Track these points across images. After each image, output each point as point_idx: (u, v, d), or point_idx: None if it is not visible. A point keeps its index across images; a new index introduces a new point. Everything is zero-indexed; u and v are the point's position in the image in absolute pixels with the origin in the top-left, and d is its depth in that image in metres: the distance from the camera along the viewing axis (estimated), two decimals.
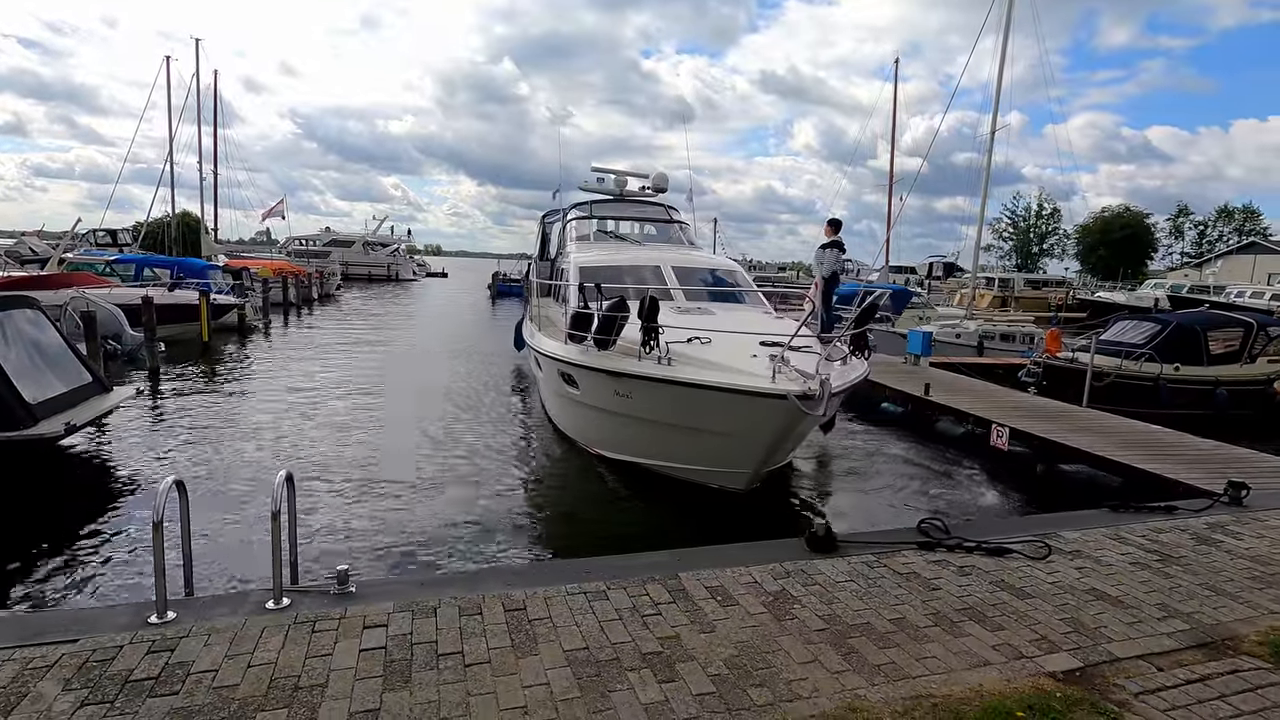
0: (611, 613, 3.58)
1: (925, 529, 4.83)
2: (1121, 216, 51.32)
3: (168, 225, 34.20)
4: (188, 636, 3.21)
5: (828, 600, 3.80)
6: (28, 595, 4.84)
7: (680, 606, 3.67)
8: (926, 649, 3.34)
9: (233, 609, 3.49)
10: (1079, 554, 4.56)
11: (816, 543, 4.51)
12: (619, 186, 13.60)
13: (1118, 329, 13.97)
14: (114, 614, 3.44)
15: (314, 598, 3.63)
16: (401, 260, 55.89)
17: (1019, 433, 8.52)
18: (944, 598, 3.88)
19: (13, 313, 7.15)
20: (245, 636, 3.22)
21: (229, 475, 7.40)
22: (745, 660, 3.18)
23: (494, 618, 3.48)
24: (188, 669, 2.96)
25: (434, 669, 3.02)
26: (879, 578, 4.11)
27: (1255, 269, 41.56)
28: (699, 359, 6.72)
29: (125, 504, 6.57)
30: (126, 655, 3.05)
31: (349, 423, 9.90)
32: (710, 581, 3.97)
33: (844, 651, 3.29)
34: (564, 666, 3.08)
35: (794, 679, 3.04)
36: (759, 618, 3.58)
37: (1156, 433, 8.61)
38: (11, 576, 5.04)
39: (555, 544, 6.28)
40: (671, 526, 6.58)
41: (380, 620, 3.41)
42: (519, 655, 3.15)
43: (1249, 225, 60.60)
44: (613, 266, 9.93)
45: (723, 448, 6.80)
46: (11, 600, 4.75)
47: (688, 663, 3.14)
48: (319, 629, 3.32)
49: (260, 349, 17.03)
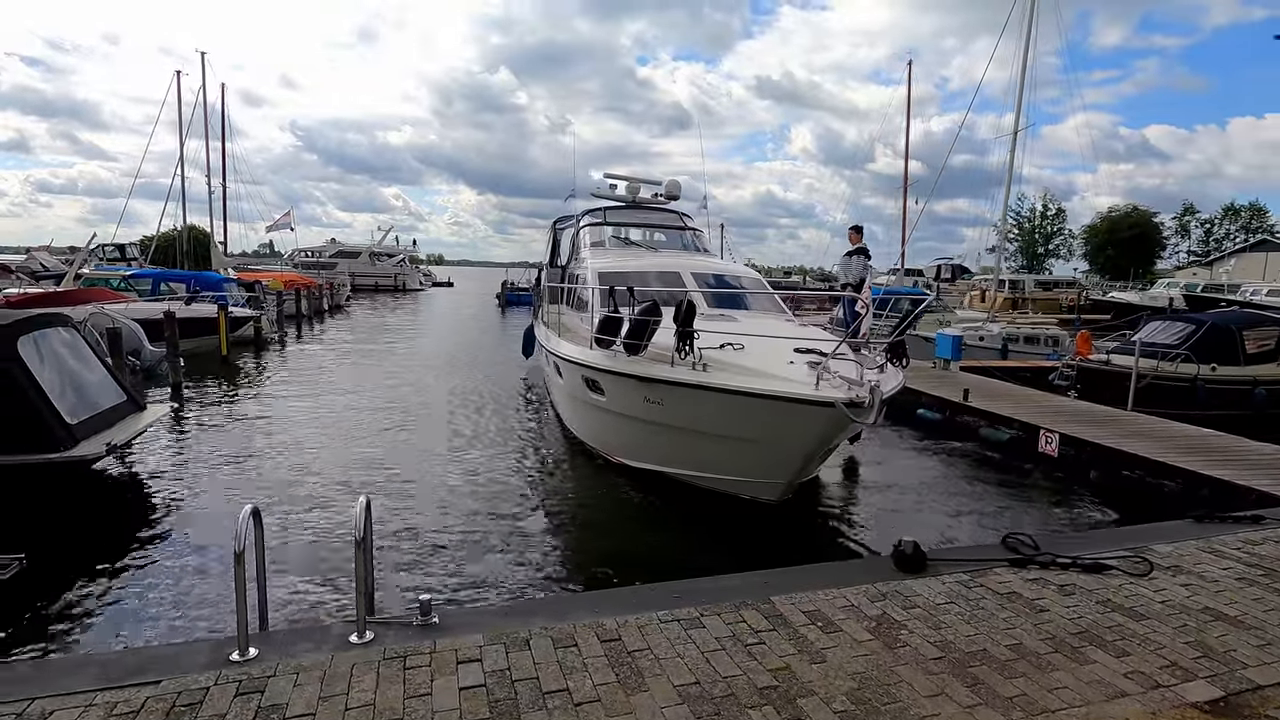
0: (712, 642, 3.39)
1: (1012, 545, 4.64)
2: (1130, 216, 51.10)
3: (177, 239, 34.17)
4: (275, 676, 3.03)
5: (934, 625, 3.60)
6: (85, 630, 4.66)
7: (782, 634, 3.48)
8: (1054, 678, 3.15)
9: (316, 644, 3.30)
10: (1179, 569, 4.37)
11: (905, 561, 4.32)
12: (631, 193, 13.50)
13: (1150, 329, 13.75)
14: (192, 651, 3.26)
15: (397, 630, 3.45)
16: (408, 270, 55.88)
17: (1069, 438, 8.32)
18: (1055, 620, 3.68)
19: (48, 331, 7.00)
20: (335, 675, 3.04)
21: (272, 496, 7.22)
22: (868, 694, 2.99)
23: (590, 650, 3.29)
24: (282, 713, 2.78)
25: (543, 709, 2.84)
26: (980, 599, 3.92)
27: (1268, 267, 41.26)
28: (736, 365, 6.56)
29: (170, 528, 6.39)
30: (215, 698, 2.87)
31: (377, 439, 9.73)
32: (805, 605, 3.78)
33: (969, 682, 3.09)
34: (679, 704, 2.89)
35: (926, 715, 2.85)
36: (868, 645, 3.39)
37: (1209, 436, 8.41)
38: (65, 608, 4.87)
39: (591, 561, 6.08)
40: (709, 541, 6.41)
41: (473, 654, 3.23)
42: (628, 692, 2.97)
43: (1255, 223, 60.34)
44: (632, 273, 9.79)
45: (759, 456, 6.62)
46: (70, 635, 4.58)
47: (808, 698, 2.95)
48: (410, 665, 3.14)
49: (279, 363, 16.88)
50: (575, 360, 8.29)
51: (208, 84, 33.76)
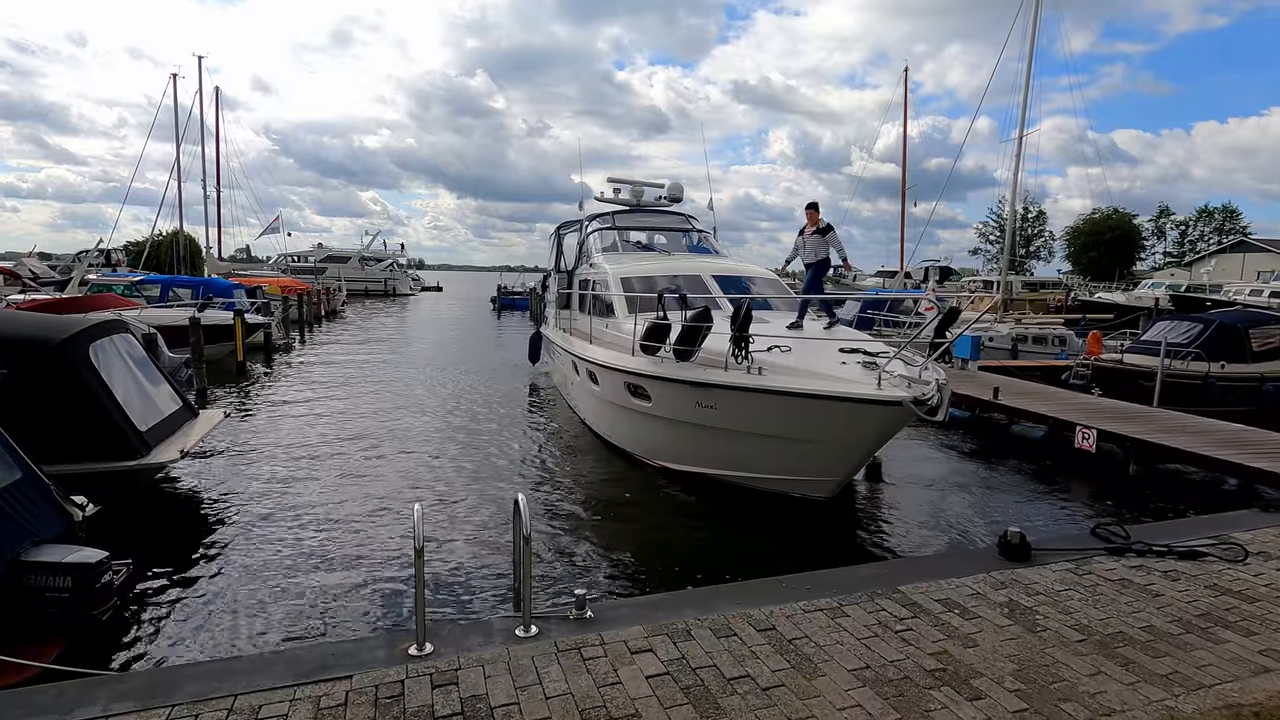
0: (862, 629, 3.53)
1: (1103, 535, 4.83)
2: (1111, 218, 52.33)
3: (172, 245, 33.70)
4: (461, 668, 3.12)
5: (1063, 610, 3.78)
6: (206, 630, 4.69)
7: (925, 621, 3.63)
8: (1196, 656, 3.33)
9: (485, 638, 3.39)
10: (1268, 555, 4.59)
11: (1011, 551, 4.49)
12: (635, 197, 13.59)
13: (1158, 329, 14.16)
14: (369, 646, 3.33)
15: (557, 623, 3.54)
16: (399, 275, 55.49)
17: (1108, 434, 8.58)
18: (1174, 604, 3.88)
19: (113, 337, 6.96)
20: (520, 667, 3.14)
21: (327, 498, 7.25)
22: (1032, 674, 3.14)
23: (751, 639, 3.42)
24: (488, 704, 2.87)
25: (735, 694, 2.96)
26: (1094, 585, 4.11)
27: (1245, 267, 42.48)
28: (791, 368, 6.71)
29: (236, 531, 6.40)
30: (413, 691, 2.95)
31: (417, 444, 9.77)
32: (935, 594, 3.94)
33: (1120, 662, 3.26)
34: (860, 686, 3.03)
35: (1095, 691, 3.01)
36: (1010, 630, 3.55)
37: (1241, 431, 8.71)
38: (183, 609, 4.89)
39: (670, 559, 6.19)
40: (767, 538, 6.54)
41: (642, 645, 3.34)
42: (807, 676, 3.10)
43: (1229, 224, 62.05)
44: (654, 277, 9.88)
45: (817, 455, 6.77)
46: (192, 638, 4.60)
47: (979, 678, 3.10)
48: (587, 655, 3.24)
49: (295, 368, 16.76)
50: (619, 367, 8.29)
51: (203, 88, 33.34)
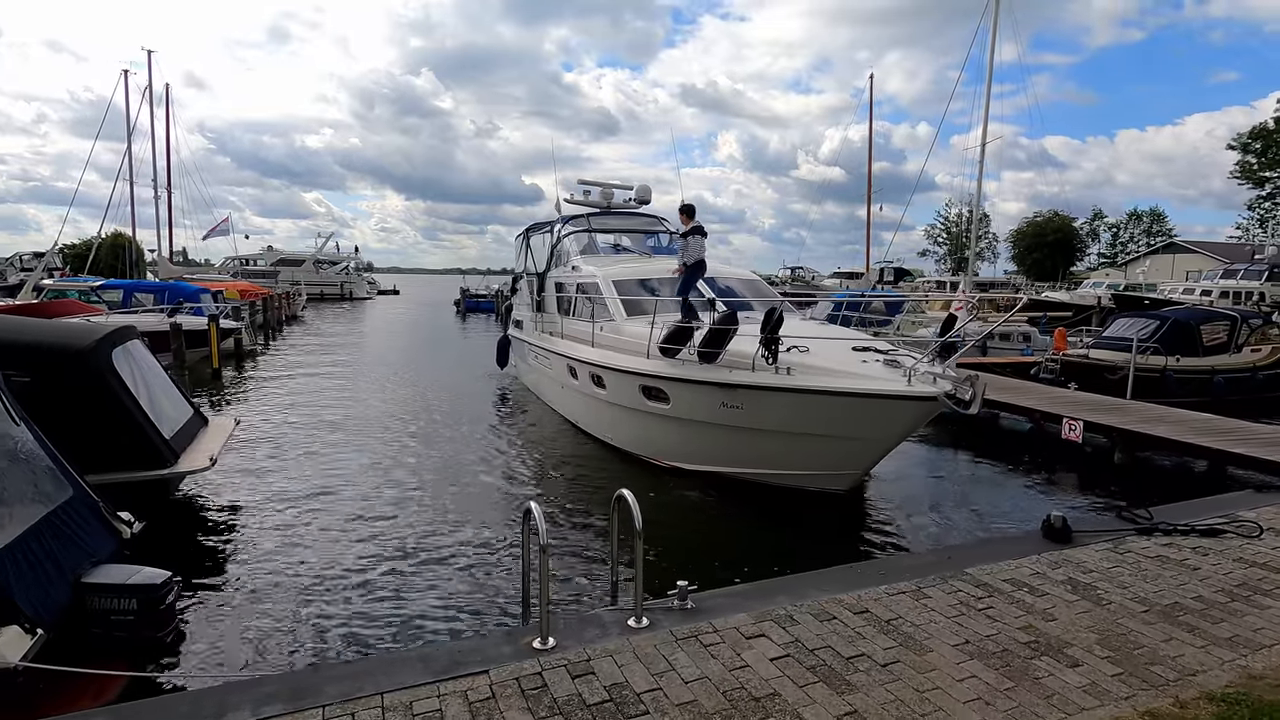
0: (947, 608, 3.78)
1: (1129, 517, 5.21)
2: (1053, 221, 54.88)
3: (105, 247, 32.25)
4: (593, 659, 3.23)
5: (1120, 585, 4.10)
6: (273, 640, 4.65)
7: (1000, 599, 3.90)
8: (1248, 621, 3.68)
9: (602, 630, 3.51)
10: (1278, 530, 5.04)
11: (1054, 533, 4.82)
12: (605, 199, 13.72)
13: (1118, 326, 15.06)
14: (492, 643, 3.41)
15: (665, 614, 3.68)
16: (355, 279, 54.28)
17: (1094, 425, 9.13)
18: (1212, 577, 4.25)
19: (130, 344, 6.76)
20: (647, 655, 3.27)
21: (340, 507, 7.20)
22: (1115, 642, 3.43)
23: (851, 621, 3.62)
24: (633, 691, 2.99)
25: (858, 671, 3.15)
26: (1137, 562, 4.46)
27: (1174, 267, 45.13)
28: (820, 368, 6.98)
29: (249, 544, 6.31)
30: (554, 682, 3.06)
31: (417, 443, 9.72)
32: (1001, 575, 4.22)
33: (1186, 629, 3.59)
34: (969, 659, 3.26)
35: (1174, 655, 3.32)
36: (1080, 604, 3.85)
37: (1214, 420, 9.37)
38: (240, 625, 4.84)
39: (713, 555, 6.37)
40: (785, 532, 6.81)
41: (754, 631, 3.51)
42: (917, 652, 3.32)
43: (1156, 227, 65.86)
44: (646, 279, 10.05)
45: (842, 450, 7.06)
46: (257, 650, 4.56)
47: (1071, 648, 3.37)
48: (706, 642, 3.39)
49: (270, 373, 16.29)
50: (635, 370, 8.30)
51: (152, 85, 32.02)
